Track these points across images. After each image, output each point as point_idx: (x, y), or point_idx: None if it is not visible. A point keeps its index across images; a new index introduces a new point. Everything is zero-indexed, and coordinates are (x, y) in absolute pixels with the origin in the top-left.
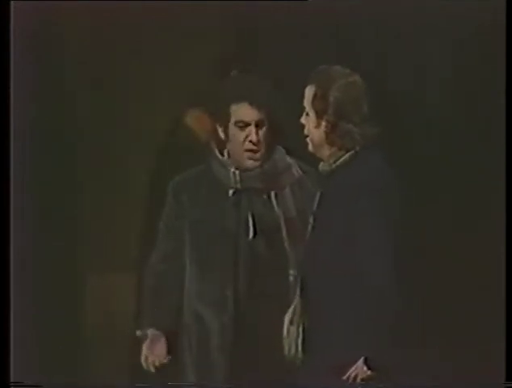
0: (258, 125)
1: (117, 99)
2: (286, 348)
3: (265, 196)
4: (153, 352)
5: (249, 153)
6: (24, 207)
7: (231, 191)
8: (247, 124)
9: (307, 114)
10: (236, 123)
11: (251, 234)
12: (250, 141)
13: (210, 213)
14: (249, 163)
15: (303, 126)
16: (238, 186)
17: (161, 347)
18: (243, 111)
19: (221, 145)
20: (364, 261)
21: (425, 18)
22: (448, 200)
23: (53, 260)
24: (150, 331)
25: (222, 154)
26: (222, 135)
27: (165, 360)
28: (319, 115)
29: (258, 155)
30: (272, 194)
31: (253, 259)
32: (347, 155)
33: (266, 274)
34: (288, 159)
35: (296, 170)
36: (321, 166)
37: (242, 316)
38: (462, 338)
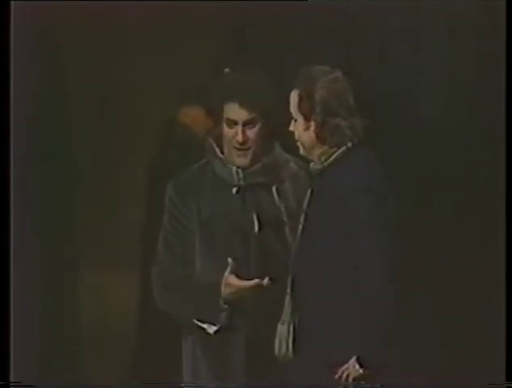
0: (246, 124)
1: (117, 98)
2: (276, 347)
3: (266, 191)
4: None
5: (237, 151)
6: (23, 207)
7: (235, 189)
8: (235, 123)
9: (295, 120)
10: (225, 121)
11: (256, 228)
12: (237, 140)
13: (218, 212)
14: (238, 161)
15: (292, 133)
16: (241, 183)
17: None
18: (232, 111)
19: (221, 142)
20: (359, 260)
21: (425, 18)
22: (442, 197)
23: (53, 260)
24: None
25: (222, 152)
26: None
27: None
28: (307, 117)
29: (245, 153)
30: (274, 188)
31: (264, 254)
32: (339, 152)
33: (277, 268)
34: (285, 154)
35: (293, 165)
36: (312, 165)
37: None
38: (462, 338)
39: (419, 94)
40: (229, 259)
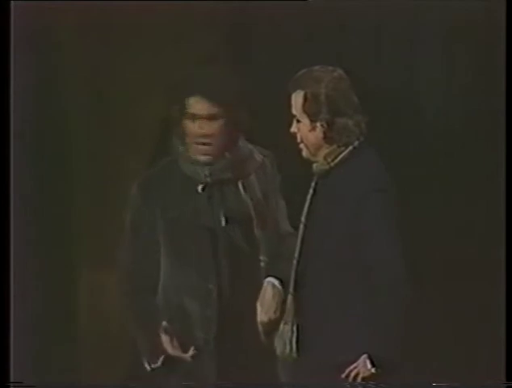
0: (207, 118)
1: (117, 97)
2: (280, 348)
3: (233, 186)
4: (177, 346)
5: (199, 147)
6: (23, 207)
7: (201, 186)
8: (197, 118)
9: (298, 121)
10: (188, 116)
11: (223, 222)
12: (196, 134)
13: (185, 210)
14: (202, 158)
15: (294, 135)
16: (208, 180)
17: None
18: (194, 105)
19: (185, 139)
20: (371, 259)
21: (424, 17)
22: (441, 197)
23: (53, 260)
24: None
25: (187, 150)
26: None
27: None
28: (313, 118)
29: (209, 149)
30: (239, 182)
31: (232, 250)
32: (346, 152)
33: (246, 263)
34: (249, 145)
35: (258, 155)
36: (316, 166)
37: (226, 308)
38: (462, 338)
39: (418, 95)
40: (164, 323)
